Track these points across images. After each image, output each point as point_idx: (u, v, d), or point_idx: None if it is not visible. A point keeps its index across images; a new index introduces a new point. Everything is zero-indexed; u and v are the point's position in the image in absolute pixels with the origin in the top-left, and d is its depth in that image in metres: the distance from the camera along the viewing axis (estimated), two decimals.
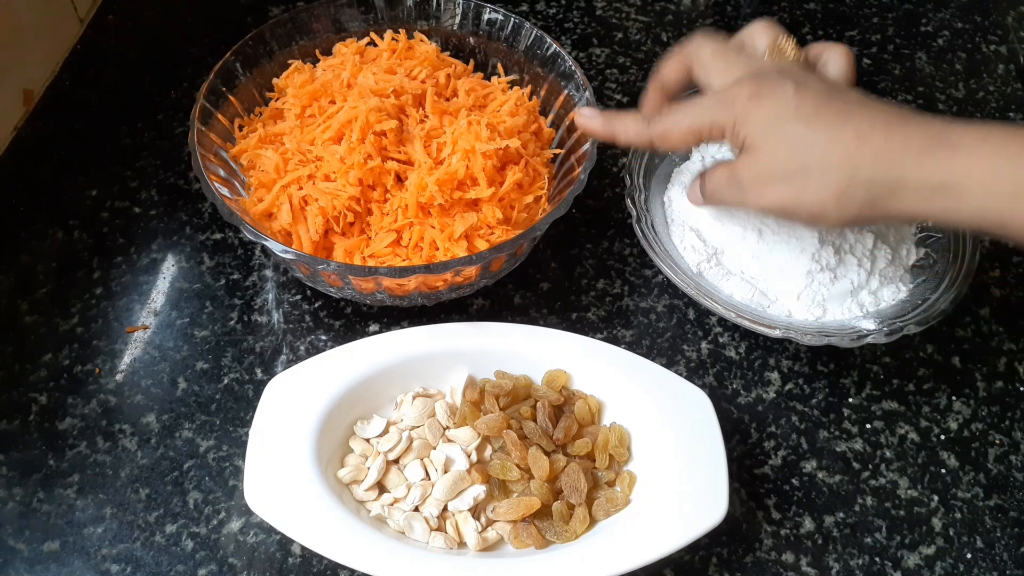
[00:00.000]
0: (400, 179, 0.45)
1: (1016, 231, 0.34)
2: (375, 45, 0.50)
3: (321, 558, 0.39)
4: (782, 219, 0.43)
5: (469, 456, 0.40)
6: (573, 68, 0.47)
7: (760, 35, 0.41)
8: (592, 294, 0.49)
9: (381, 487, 0.40)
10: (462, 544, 0.38)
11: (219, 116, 0.46)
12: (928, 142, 0.34)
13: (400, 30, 0.51)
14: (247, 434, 0.39)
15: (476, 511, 0.39)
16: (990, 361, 0.47)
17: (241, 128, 0.47)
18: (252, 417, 0.39)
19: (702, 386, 0.42)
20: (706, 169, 0.42)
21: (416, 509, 0.39)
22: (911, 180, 0.34)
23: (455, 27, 0.51)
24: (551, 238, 0.51)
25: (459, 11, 0.51)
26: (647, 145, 0.41)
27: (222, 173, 0.44)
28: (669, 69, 0.42)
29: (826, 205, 0.36)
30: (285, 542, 0.39)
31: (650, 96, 0.42)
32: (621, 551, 0.36)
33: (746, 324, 0.43)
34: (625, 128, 0.41)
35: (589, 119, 0.43)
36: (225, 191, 0.42)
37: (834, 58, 0.41)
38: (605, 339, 0.46)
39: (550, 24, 0.63)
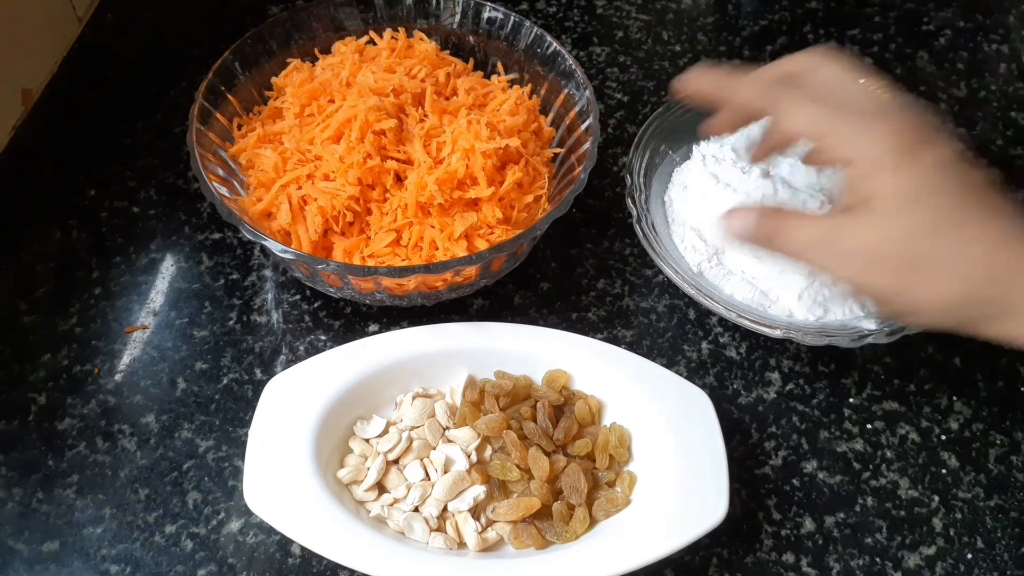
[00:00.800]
0: (399, 178, 0.44)
1: None
2: (374, 44, 0.50)
3: (321, 558, 0.39)
4: (868, 297, 0.38)
5: (469, 456, 0.40)
6: (573, 67, 0.47)
7: (843, 79, 0.36)
8: (592, 294, 0.49)
9: (381, 487, 0.40)
10: (462, 544, 0.38)
11: (218, 115, 0.45)
12: None
13: (399, 29, 0.50)
14: (246, 434, 0.39)
15: (476, 511, 0.39)
16: (991, 361, 0.47)
17: (240, 127, 0.47)
18: (251, 417, 0.39)
19: (702, 386, 0.42)
20: (757, 207, 0.36)
21: (416, 509, 0.39)
22: None
23: (455, 26, 0.51)
24: (551, 238, 0.50)
25: (459, 10, 0.50)
26: (760, 109, 0.36)
27: (221, 173, 0.44)
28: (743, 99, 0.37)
29: (930, 307, 0.33)
30: (285, 542, 0.39)
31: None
32: (621, 551, 0.36)
33: (747, 324, 0.43)
34: (746, 87, 0.37)
35: (694, 79, 0.38)
36: (224, 191, 0.42)
37: None
38: (605, 339, 0.46)
39: (550, 23, 0.63)
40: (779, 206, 0.39)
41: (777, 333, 0.42)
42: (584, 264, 0.50)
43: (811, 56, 0.37)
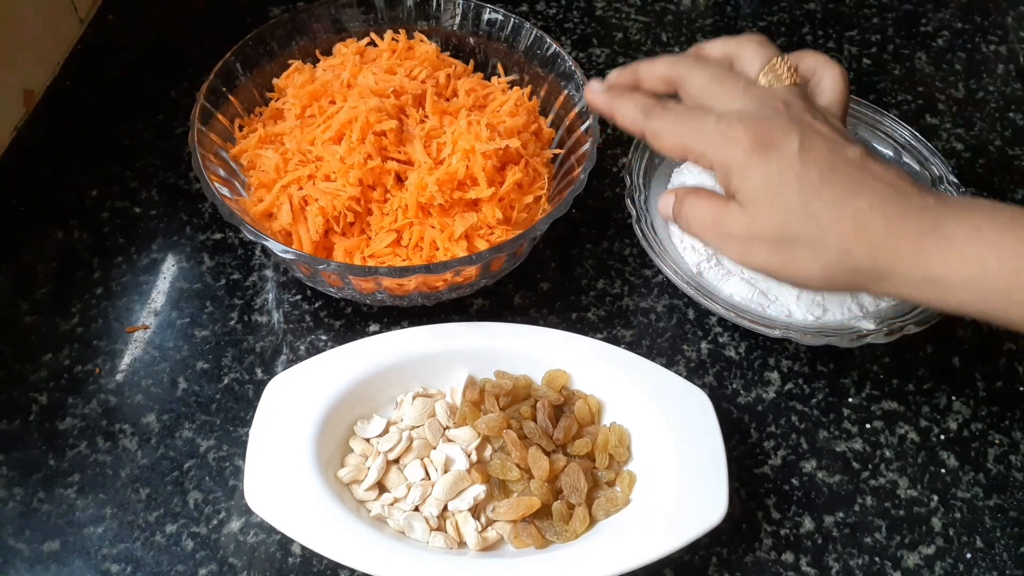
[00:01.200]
0: (400, 179, 0.45)
1: (999, 323, 0.34)
2: (375, 45, 0.50)
3: (321, 558, 0.39)
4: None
5: (469, 456, 0.40)
6: (573, 68, 0.47)
7: (752, 56, 0.39)
8: (592, 294, 0.49)
9: (381, 487, 0.40)
10: (462, 544, 0.38)
11: (219, 116, 0.46)
12: (922, 234, 0.33)
13: (400, 30, 0.51)
14: (247, 434, 0.39)
15: (476, 511, 0.39)
16: (990, 361, 0.47)
17: (241, 128, 0.47)
18: (252, 417, 0.39)
19: (702, 386, 0.42)
20: (683, 187, 0.39)
21: (416, 509, 0.39)
22: (901, 272, 0.34)
23: (455, 27, 0.51)
24: (551, 238, 0.51)
25: (459, 11, 0.51)
26: (640, 136, 0.39)
27: (222, 173, 0.44)
28: (651, 79, 0.40)
29: (811, 278, 0.35)
30: (285, 542, 0.39)
31: (629, 73, 0.41)
32: (621, 551, 0.36)
33: (746, 324, 0.43)
34: (624, 112, 0.39)
35: (594, 94, 0.41)
36: (225, 191, 0.42)
37: (828, 82, 0.39)
38: (605, 339, 0.46)
39: (550, 24, 0.63)
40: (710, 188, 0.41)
41: (776, 333, 0.42)
42: (584, 264, 0.50)
43: (738, 40, 0.40)
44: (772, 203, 0.34)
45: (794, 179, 0.34)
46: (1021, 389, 0.47)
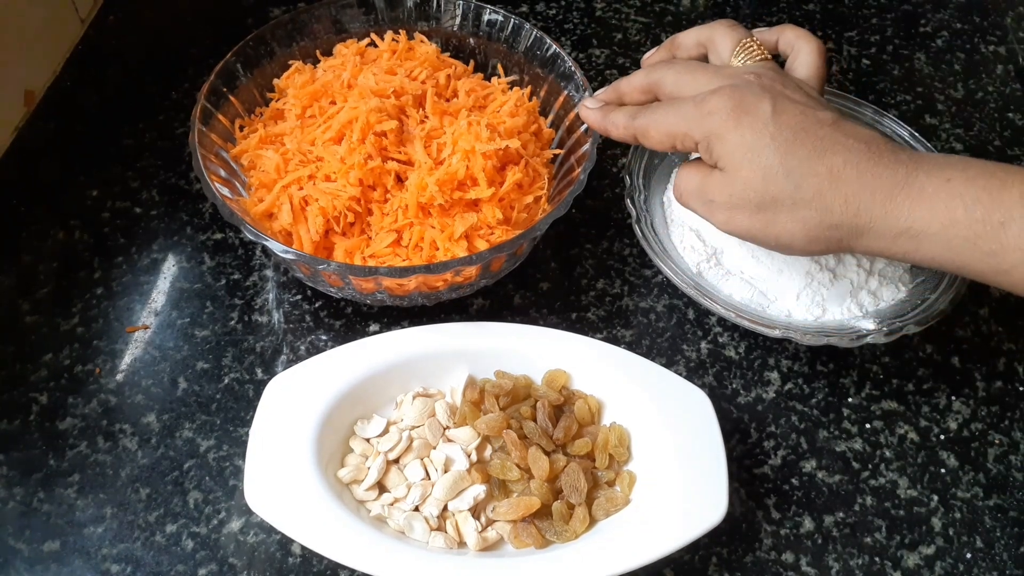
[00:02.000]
0: (400, 179, 0.45)
1: (972, 275, 0.35)
2: (375, 46, 0.50)
3: (321, 558, 0.39)
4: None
5: (469, 456, 0.40)
6: (573, 69, 0.47)
7: (723, 38, 0.41)
8: (592, 294, 0.49)
9: (381, 487, 0.40)
10: (462, 544, 0.38)
11: (220, 117, 0.46)
12: (895, 187, 0.34)
13: (400, 31, 0.51)
14: (247, 434, 0.39)
15: (476, 511, 0.39)
16: (989, 361, 0.47)
17: (242, 128, 0.47)
18: (252, 417, 0.39)
19: (702, 386, 0.42)
20: (684, 163, 0.41)
21: (416, 509, 0.39)
22: (877, 226, 0.35)
23: (455, 28, 0.51)
24: (551, 238, 0.51)
25: (459, 12, 0.51)
26: (632, 141, 0.40)
27: (223, 173, 0.44)
28: (631, 91, 0.42)
29: (793, 239, 0.36)
30: (285, 542, 0.39)
31: (612, 90, 0.43)
32: (621, 551, 0.36)
33: (746, 324, 0.43)
34: (615, 122, 0.41)
35: (589, 111, 0.43)
36: (226, 191, 0.42)
37: (804, 56, 0.41)
38: (605, 339, 0.46)
39: (550, 25, 0.63)
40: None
41: (776, 333, 0.42)
42: (584, 264, 0.50)
43: (707, 27, 0.42)
44: (749, 164, 0.36)
45: (769, 140, 0.35)
46: (1021, 389, 0.47)
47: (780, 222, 0.36)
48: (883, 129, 0.52)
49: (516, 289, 0.49)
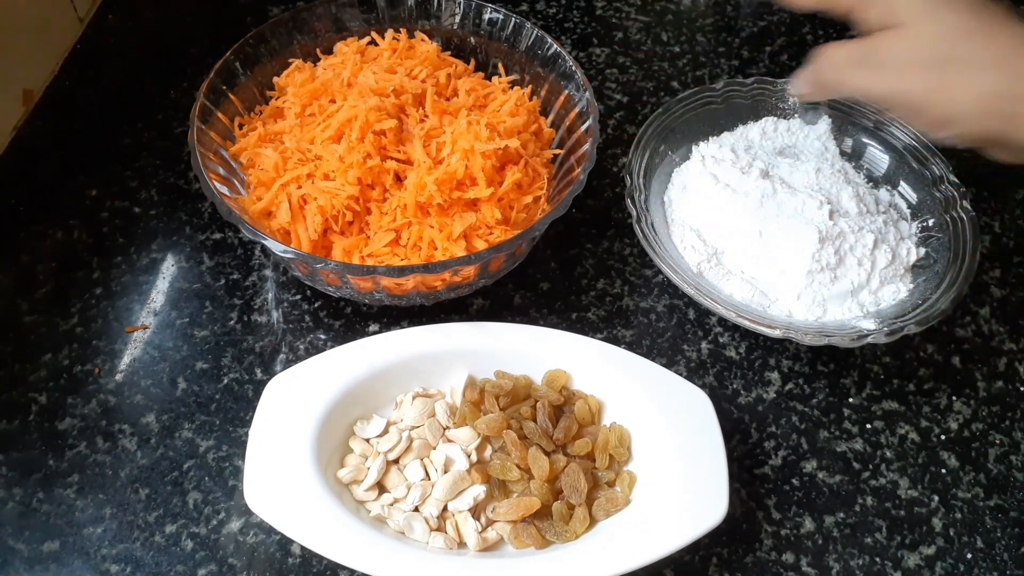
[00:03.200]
0: (399, 178, 0.45)
1: None
2: (376, 44, 0.50)
3: (321, 558, 0.39)
4: (904, 115, 0.39)
5: (469, 456, 0.40)
6: (573, 68, 0.47)
7: None
8: (592, 294, 0.49)
9: (381, 487, 0.40)
10: (462, 544, 0.38)
11: (219, 115, 0.46)
12: None
13: (401, 29, 0.51)
14: (247, 434, 0.39)
15: (476, 511, 0.39)
16: (990, 361, 0.47)
17: (241, 127, 0.47)
18: (252, 417, 0.39)
19: (702, 386, 0.42)
20: (816, 54, 0.39)
21: (416, 509, 0.39)
22: None
23: (456, 27, 0.51)
24: (551, 238, 0.51)
25: (460, 11, 0.51)
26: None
27: (221, 172, 0.44)
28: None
29: (965, 107, 0.35)
30: (285, 542, 0.39)
31: None
32: (621, 551, 0.36)
33: (746, 324, 0.43)
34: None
35: None
36: (224, 190, 0.42)
37: None
38: (605, 339, 0.46)
39: (550, 24, 0.63)
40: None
41: (776, 333, 0.42)
42: (584, 264, 0.50)
43: None
44: (933, 19, 0.35)
45: (952, 3, 0.35)
46: (1022, 389, 0.46)
47: (955, 84, 0.34)
48: (884, 128, 0.52)
49: (516, 289, 0.49)
